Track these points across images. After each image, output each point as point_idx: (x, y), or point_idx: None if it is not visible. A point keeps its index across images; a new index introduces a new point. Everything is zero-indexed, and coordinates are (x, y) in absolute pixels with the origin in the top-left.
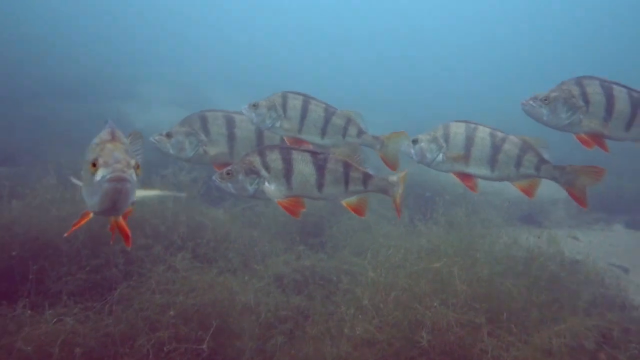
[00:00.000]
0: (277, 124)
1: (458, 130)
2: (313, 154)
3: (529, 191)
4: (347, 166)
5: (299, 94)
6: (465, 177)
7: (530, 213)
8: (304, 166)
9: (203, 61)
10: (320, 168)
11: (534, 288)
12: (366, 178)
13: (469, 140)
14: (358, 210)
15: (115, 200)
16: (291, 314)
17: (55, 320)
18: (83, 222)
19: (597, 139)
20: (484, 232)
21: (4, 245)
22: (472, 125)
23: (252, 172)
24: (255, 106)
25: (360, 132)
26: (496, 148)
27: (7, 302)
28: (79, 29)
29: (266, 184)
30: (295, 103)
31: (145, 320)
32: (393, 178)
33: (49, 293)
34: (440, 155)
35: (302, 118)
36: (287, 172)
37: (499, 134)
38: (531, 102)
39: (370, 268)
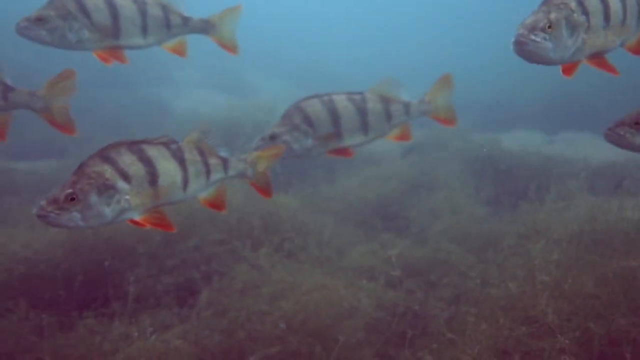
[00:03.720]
0: (85, 36)
1: (316, 108)
2: (165, 145)
3: (405, 136)
4: (202, 153)
5: None
6: (339, 151)
7: (619, 181)
8: (166, 163)
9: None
10: (181, 161)
11: None
12: (225, 162)
13: (333, 114)
14: (218, 204)
15: None
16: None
17: (150, 334)
18: None
19: (602, 61)
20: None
21: (76, 248)
22: (326, 98)
23: (106, 187)
24: (40, 20)
25: (186, 20)
26: (362, 111)
27: (93, 312)
28: None
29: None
30: (95, 1)
31: (245, 330)
32: (251, 157)
33: (129, 298)
34: (309, 141)
35: (114, 18)
36: (152, 177)
37: (356, 96)
38: (533, 37)
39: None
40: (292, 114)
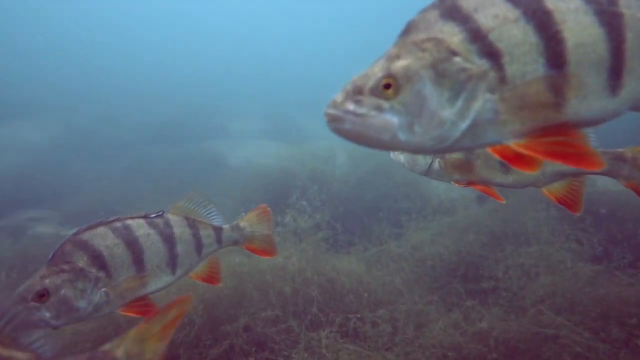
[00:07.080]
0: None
1: (107, 241)
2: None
3: (213, 277)
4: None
5: None
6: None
7: None
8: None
9: (291, 90)
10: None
11: None
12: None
13: (133, 248)
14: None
15: None
16: None
17: None
18: None
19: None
20: None
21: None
22: (118, 225)
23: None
24: None
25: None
26: (169, 240)
27: None
28: (162, 73)
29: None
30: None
31: None
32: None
33: None
34: (102, 292)
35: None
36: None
37: (158, 220)
38: (350, 107)
39: None
40: (70, 254)
